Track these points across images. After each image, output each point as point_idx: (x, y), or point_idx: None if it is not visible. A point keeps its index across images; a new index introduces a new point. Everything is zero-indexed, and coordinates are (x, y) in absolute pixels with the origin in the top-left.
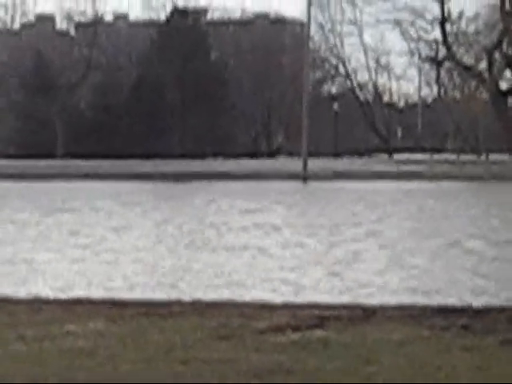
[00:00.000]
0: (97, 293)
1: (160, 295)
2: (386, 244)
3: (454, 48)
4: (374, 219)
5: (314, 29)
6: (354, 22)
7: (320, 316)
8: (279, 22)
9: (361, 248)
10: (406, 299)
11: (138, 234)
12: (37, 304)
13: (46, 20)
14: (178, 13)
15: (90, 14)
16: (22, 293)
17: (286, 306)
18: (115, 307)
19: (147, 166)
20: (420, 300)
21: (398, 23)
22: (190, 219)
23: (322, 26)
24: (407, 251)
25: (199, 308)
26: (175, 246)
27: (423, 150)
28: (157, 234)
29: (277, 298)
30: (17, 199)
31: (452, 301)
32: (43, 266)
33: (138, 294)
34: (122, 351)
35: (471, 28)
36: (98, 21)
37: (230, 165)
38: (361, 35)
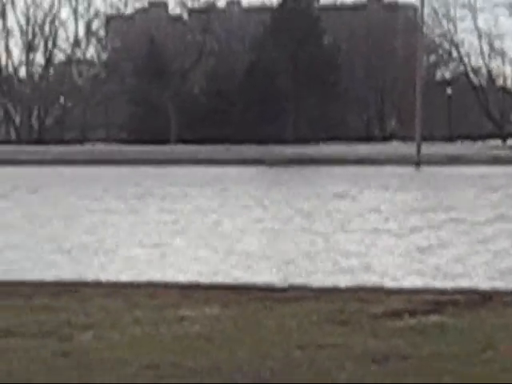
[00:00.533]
0: (213, 278)
1: (276, 279)
2: None
3: None
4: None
5: (426, 13)
6: (467, 6)
7: (436, 301)
8: (392, 7)
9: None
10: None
11: (254, 217)
12: (153, 288)
13: (159, 5)
14: None
15: None
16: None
17: (402, 291)
18: (231, 292)
19: (260, 151)
20: None
21: (510, 6)
22: (305, 203)
23: (435, 11)
24: None
25: (315, 293)
26: (294, 229)
27: None
28: (274, 217)
29: (390, 283)
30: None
31: None
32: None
33: (254, 279)
34: (238, 336)
35: None
36: (211, 6)
37: (343, 149)
38: (474, 19)
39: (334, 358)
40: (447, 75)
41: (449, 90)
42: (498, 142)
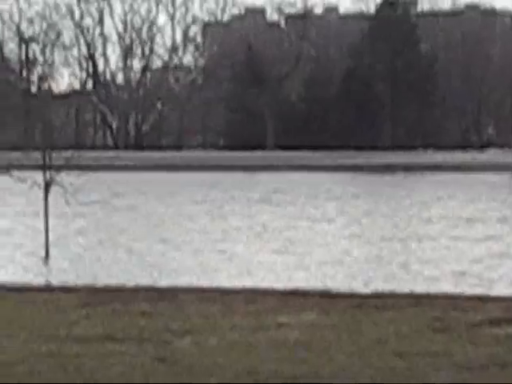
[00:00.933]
0: (313, 284)
1: (373, 287)
2: None
3: None
4: None
5: None
6: None
7: None
8: (490, 14)
9: None
10: None
11: (344, 224)
12: (251, 294)
13: (256, 12)
14: (387, 5)
15: (300, 6)
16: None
17: (500, 299)
18: (328, 299)
19: (357, 157)
20: None
21: None
22: (405, 211)
23: None
24: None
25: (413, 300)
26: (388, 237)
27: None
28: (365, 226)
29: (489, 291)
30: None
31: None
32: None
33: (349, 286)
34: (337, 343)
35: None
36: (308, 13)
37: (440, 156)
38: None
39: (433, 365)
40: None
41: None
42: None
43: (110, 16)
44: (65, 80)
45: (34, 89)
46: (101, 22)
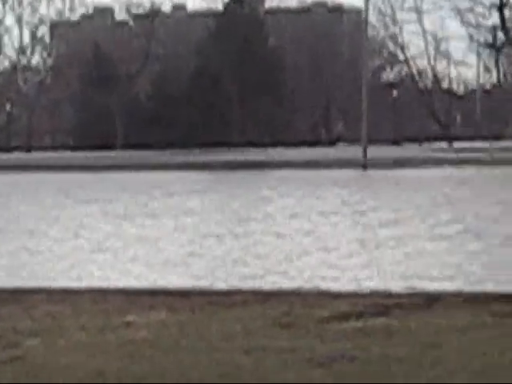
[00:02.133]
0: (158, 283)
1: (220, 284)
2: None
3: None
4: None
5: (373, 16)
6: (413, 9)
7: (382, 304)
8: (337, 10)
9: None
10: (462, 285)
11: (191, 222)
12: (98, 294)
13: (104, 11)
14: (235, 2)
15: (147, 5)
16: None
17: (349, 295)
18: (176, 297)
19: (207, 154)
20: (478, 287)
21: (456, 9)
22: (247, 207)
23: (381, 13)
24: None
25: (261, 297)
26: (231, 233)
27: (482, 137)
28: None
29: (336, 286)
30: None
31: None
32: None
33: (198, 284)
34: (184, 341)
35: None
36: (155, 12)
37: (290, 153)
38: (420, 22)
39: (281, 361)
40: (392, 77)
41: (394, 93)
42: (444, 144)
43: None
44: None
45: None
46: None
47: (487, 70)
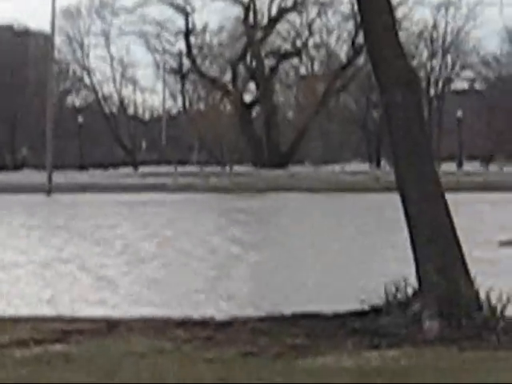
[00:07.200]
0: None
1: None
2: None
3: (199, 60)
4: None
5: (61, 40)
6: (101, 34)
7: (62, 329)
8: (24, 34)
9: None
10: (146, 311)
11: None
12: None
13: None
14: None
15: None
16: None
17: (30, 319)
18: None
19: None
20: (160, 312)
21: (143, 35)
22: None
23: (69, 37)
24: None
25: None
26: None
27: (168, 162)
28: None
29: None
30: None
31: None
32: None
33: None
34: None
35: (215, 40)
36: None
37: None
38: (108, 47)
39: None
40: (79, 102)
41: (80, 118)
42: (130, 169)
43: None
44: None
45: None
46: None
47: (173, 96)
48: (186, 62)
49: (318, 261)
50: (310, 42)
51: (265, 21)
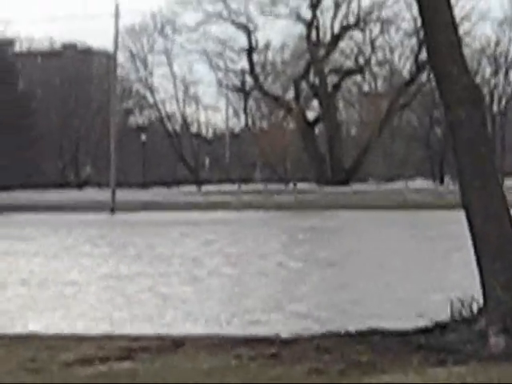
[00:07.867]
0: None
1: None
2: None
3: (262, 78)
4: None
5: (123, 59)
6: (163, 52)
7: (128, 347)
8: (87, 53)
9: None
10: (210, 329)
11: None
12: None
13: None
14: None
15: None
16: None
17: (94, 338)
18: None
19: None
20: (224, 330)
21: (206, 53)
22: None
23: (132, 56)
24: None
25: (7, 340)
26: None
27: (231, 180)
28: None
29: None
30: None
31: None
32: None
33: None
34: None
35: (278, 58)
36: None
37: (38, 196)
38: (170, 65)
39: None
40: (142, 121)
41: (143, 137)
42: (193, 187)
43: None
44: None
45: None
46: None
47: (236, 114)
48: (249, 80)
49: (387, 280)
50: (373, 59)
51: (327, 38)
